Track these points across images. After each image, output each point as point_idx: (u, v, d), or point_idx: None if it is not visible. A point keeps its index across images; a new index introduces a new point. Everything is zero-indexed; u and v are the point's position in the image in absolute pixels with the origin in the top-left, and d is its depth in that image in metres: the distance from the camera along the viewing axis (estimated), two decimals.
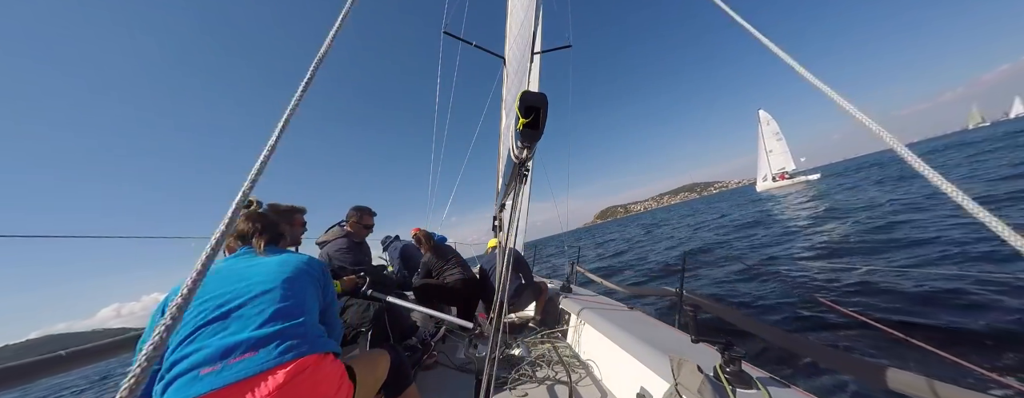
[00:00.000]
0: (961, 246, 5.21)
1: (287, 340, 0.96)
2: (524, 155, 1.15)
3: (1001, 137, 30.58)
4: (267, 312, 0.99)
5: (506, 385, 2.15)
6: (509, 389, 2.11)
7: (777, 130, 53.08)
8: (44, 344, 42.29)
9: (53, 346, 2.54)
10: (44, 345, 26.43)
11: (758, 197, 38.08)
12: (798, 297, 4.62)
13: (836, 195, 17.38)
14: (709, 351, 1.62)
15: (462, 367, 2.51)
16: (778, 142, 52.87)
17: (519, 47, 3.23)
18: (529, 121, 1.06)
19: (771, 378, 1.33)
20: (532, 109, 1.05)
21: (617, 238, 26.07)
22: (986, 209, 0.48)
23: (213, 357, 0.88)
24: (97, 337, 1.77)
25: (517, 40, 3.57)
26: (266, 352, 0.92)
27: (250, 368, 0.88)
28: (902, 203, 9.90)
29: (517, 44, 3.51)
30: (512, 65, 3.69)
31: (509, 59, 4.36)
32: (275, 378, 0.89)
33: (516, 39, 3.67)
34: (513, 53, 3.82)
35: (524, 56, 3.01)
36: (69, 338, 46.43)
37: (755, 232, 11.91)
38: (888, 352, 3.06)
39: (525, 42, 6.88)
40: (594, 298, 3.19)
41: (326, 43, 0.49)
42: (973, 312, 3.41)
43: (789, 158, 52.01)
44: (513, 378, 2.21)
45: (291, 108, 0.45)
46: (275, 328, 0.97)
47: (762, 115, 53.58)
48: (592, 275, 3.75)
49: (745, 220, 16.19)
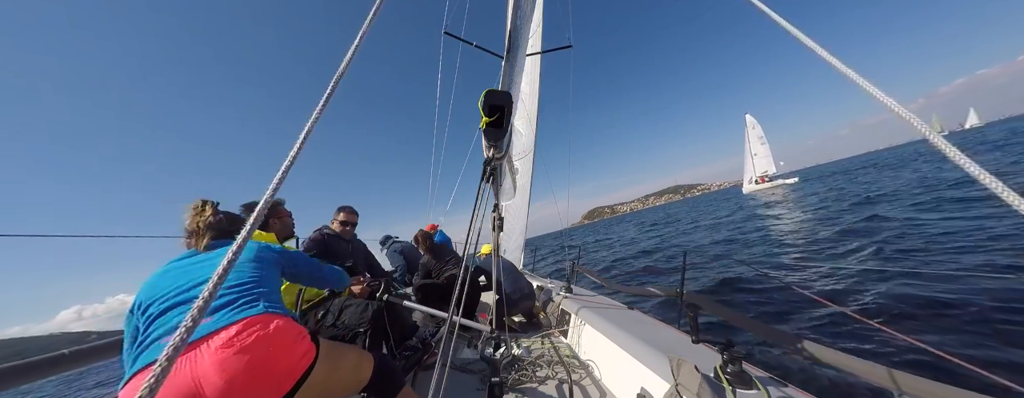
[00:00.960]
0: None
1: (242, 303, 1.05)
2: (491, 154, 1.14)
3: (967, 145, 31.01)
4: (229, 285, 1.09)
5: (506, 385, 2.16)
6: (509, 389, 2.12)
7: (761, 134, 54.84)
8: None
9: (5, 351, 2.51)
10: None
11: (747, 198, 38.84)
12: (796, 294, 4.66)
13: (825, 194, 17.78)
14: (709, 351, 1.63)
15: (462, 367, 2.53)
16: (762, 146, 54.59)
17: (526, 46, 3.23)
18: (493, 120, 1.06)
19: (771, 378, 1.35)
20: (497, 108, 1.06)
21: (617, 237, 26.02)
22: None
23: (172, 329, 0.96)
24: (56, 341, 1.78)
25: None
26: (222, 314, 1.00)
27: (207, 327, 0.96)
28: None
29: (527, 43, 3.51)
30: (524, 62, 3.70)
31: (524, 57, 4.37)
32: (228, 331, 0.96)
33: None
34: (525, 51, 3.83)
35: (522, 57, 3.00)
36: (25, 342, 46.47)
37: (768, 229, 11.92)
38: (891, 352, 3.09)
39: (528, 41, 6.88)
40: (594, 298, 3.21)
41: (346, 58, 0.51)
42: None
43: (771, 162, 53.78)
44: (513, 378, 2.23)
45: (313, 119, 0.47)
46: (232, 296, 1.06)
47: (749, 120, 55.03)
48: (592, 275, 3.77)
49: (751, 219, 16.24)
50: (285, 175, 0.44)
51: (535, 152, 6.79)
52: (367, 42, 0.72)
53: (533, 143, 6.75)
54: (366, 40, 0.61)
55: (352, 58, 0.52)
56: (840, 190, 18.78)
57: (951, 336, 3.16)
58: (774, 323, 4.20)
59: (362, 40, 0.53)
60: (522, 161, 6.85)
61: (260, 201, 0.44)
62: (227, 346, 0.93)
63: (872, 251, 6.21)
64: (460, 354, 2.75)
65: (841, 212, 11.26)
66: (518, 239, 6.74)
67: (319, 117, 0.47)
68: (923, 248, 5.80)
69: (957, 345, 2.99)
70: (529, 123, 6.75)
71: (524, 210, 6.76)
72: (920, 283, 4.31)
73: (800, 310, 4.32)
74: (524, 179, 6.76)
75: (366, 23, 0.57)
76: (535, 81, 6.74)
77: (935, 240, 5.99)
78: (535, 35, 6.57)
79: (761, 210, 18.87)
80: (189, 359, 0.90)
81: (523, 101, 6.85)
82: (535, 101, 6.72)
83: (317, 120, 0.47)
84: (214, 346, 0.92)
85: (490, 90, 1.06)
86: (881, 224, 8.14)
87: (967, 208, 7.67)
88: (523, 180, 6.76)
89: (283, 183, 0.44)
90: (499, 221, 3.88)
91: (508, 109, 1.07)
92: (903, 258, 5.54)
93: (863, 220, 8.93)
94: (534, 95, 6.74)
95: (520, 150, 6.92)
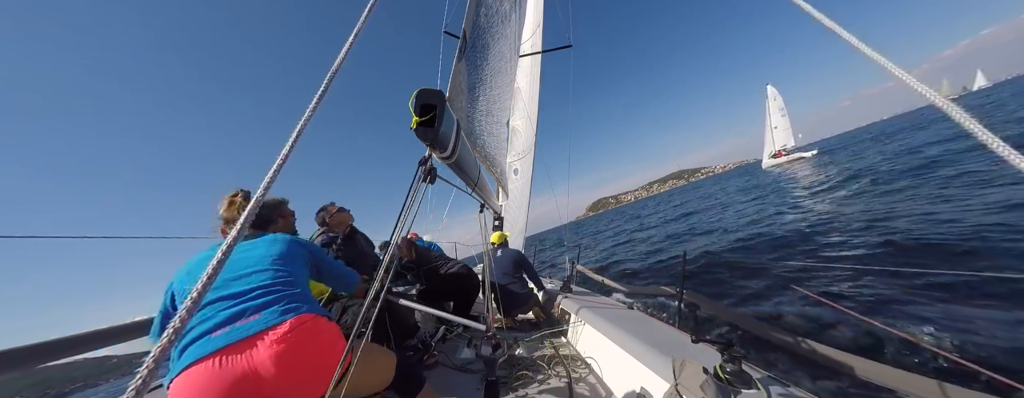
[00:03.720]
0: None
1: (286, 304, 1.11)
2: (426, 154, 1.11)
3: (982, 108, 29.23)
4: (265, 285, 1.14)
5: (507, 385, 2.16)
6: (510, 389, 2.12)
7: (783, 106, 51.84)
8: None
9: (31, 379, 2.60)
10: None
11: (767, 173, 36.31)
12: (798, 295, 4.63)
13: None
14: (709, 351, 1.63)
15: (463, 367, 2.53)
16: (783, 118, 51.74)
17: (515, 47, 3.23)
18: (425, 119, 1.04)
19: (771, 378, 1.34)
20: (429, 107, 1.04)
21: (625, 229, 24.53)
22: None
23: (222, 323, 1.02)
24: (77, 366, 1.81)
25: (516, 39, 3.58)
26: (269, 313, 1.07)
27: (257, 325, 1.03)
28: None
29: (513, 43, 3.51)
30: (512, 64, 3.69)
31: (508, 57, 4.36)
32: (279, 328, 1.03)
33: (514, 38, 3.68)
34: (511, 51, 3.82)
35: (518, 55, 2.99)
36: (49, 369, 45.97)
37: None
38: (893, 353, 3.08)
39: (528, 41, 6.84)
40: (594, 298, 3.21)
41: (340, 56, 0.50)
42: None
43: (790, 135, 51.13)
44: (514, 378, 2.23)
45: (305, 118, 0.46)
46: (274, 296, 1.12)
47: (769, 91, 51.88)
48: (593, 275, 3.77)
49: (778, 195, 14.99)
50: (277, 174, 0.44)
51: (535, 151, 6.77)
52: (362, 39, 0.72)
53: (533, 143, 6.74)
54: (361, 37, 0.60)
55: (346, 55, 0.52)
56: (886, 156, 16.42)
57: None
58: (774, 322, 4.18)
59: (356, 37, 0.53)
60: (522, 161, 6.84)
61: (251, 200, 0.44)
62: (281, 341, 1.00)
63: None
64: (459, 354, 2.75)
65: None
66: (518, 238, 6.73)
67: (312, 115, 0.47)
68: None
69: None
70: (529, 123, 6.75)
71: (524, 210, 6.74)
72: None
73: (800, 308, 4.27)
74: (524, 179, 6.74)
75: (360, 21, 0.56)
76: (535, 81, 6.73)
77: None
78: (535, 35, 6.56)
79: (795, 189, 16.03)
80: (246, 353, 0.98)
81: (523, 101, 6.84)
82: (535, 101, 6.71)
83: (309, 119, 0.46)
84: (269, 340, 1.00)
85: (422, 89, 1.05)
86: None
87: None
88: (523, 180, 6.75)
89: (274, 182, 0.44)
90: (499, 222, 3.88)
91: (440, 108, 1.06)
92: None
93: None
94: (534, 95, 6.73)
95: (520, 150, 6.91)
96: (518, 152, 6.91)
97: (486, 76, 2.02)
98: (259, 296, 1.10)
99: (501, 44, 2.21)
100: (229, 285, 1.13)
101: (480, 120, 2.07)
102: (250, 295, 1.10)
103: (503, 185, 3.05)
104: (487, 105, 2.16)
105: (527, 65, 6.76)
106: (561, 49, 6.41)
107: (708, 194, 35.56)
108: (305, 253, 1.39)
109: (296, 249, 1.36)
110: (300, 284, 1.24)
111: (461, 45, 1.53)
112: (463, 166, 1.58)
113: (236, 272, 1.17)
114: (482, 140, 2.16)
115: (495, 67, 2.16)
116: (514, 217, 6.75)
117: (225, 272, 1.16)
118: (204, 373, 0.93)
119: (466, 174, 1.68)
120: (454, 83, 1.41)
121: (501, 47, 2.22)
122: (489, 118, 2.27)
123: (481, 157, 2.22)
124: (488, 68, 2.03)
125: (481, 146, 2.15)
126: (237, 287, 1.12)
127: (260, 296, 1.10)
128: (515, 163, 6.89)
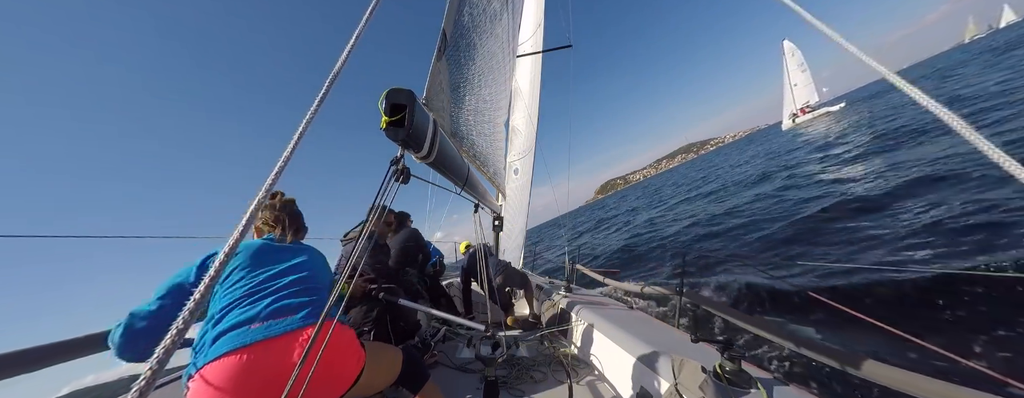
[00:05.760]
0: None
1: (316, 308, 1.18)
2: (399, 153, 1.11)
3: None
4: (300, 288, 1.22)
5: (506, 385, 2.16)
6: (509, 389, 2.13)
7: (802, 61, 49.12)
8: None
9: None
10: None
11: (788, 135, 32.58)
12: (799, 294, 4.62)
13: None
14: (709, 351, 1.63)
15: (463, 367, 2.53)
16: (802, 74, 49.24)
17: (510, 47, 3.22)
18: (395, 119, 1.05)
19: (771, 378, 1.35)
20: (399, 107, 1.04)
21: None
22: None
23: (260, 317, 1.09)
24: (126, 384, 1.86)
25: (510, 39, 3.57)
26: (302, 315, 1.13)
27: (292, 324, 1.09)
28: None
29: (507, 43, 3.50)
30: (507, 63, 3.69)
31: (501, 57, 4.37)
32: (310, 331, 1.09)
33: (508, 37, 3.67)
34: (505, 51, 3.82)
35: (515, 55, 2.98)
36: (101, 389, 47.64)
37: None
38: (895, 353, 3.08)
39: (528, 41, 6.82)
40: (594, 298, 3.21)
41: (342, 57, 0.50)
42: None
43: (813, 90, 48.60)
44: (513, 378, 2.23)
45: (307, 120, 0.47)
46: (306, 299, 1.19)
47: (786, 46, 49.42)
48: (593, 274, 3.77)
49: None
50: (278, 176, 0.44)
51: (535, 151, 6.75)
52: (364, 40, 0.72)
53: (534, 143, 6.72)
54: (363, 38, 0.60)
55: (348, 56, 0.52)
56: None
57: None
58: (773, 321, 4.18)
59: (358, 38, 0.53)
60: (523, 160, 6.83)
61: (254, 201, 0.44)
62: (315, 343, 1.03)
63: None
64: (459, 354, 2.75)
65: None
66: (518, 238, 6.71)
67: (314, 116, 0.47)
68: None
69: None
70: (530, 122, 6.73)
71: (524, 210, 6.73)
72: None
73: (800, 307, 4.26)
74: (525, 178, 6.73)
75: (362, 23, 0.56)
76: (536, 81, 6.72)
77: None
78: (535, 35, 6.55)
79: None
80: (281, 350, 1.03)
81: (523, 100, 6.83)
82: (536, 101, 6.70)
83: (311, 121, 0.47)
84: (300, 340, 1.06)
85: (392, 89, 1.05)
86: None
87: None
88: (524, 179, 6.74)
89: (276, 182, 0.44)
90: (499, 222, 3.89)
91: (411, 107, 1.07)
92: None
93: None
94: (535, 95, 6.72)
95: (521, 149, 6.89)
96: (519, 152, 6.90)
97: (472, 75, 2.00)
98: (294, 295, 1.17)
99: (491, 43, 2.19)
100: (272, 279, 1.20)
101: (468, 119, 2.05)
102: (286, 293, 1.17)
103: (497, 185, 3.05)
104: (476, 104, 2.14)
105: (527, 65, 6.75)
106: (561, 49, 6.40)
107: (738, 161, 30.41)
108: (325, 262, 1.50)
109: (323, 259, 1.48)
110: (324, 290, 1.32)
111: (440, 44, 1.53)
112: (448, 166, 1.57)
113: (276, 269, 1.25)
114: (470, 140, 2.14)
115: (484, 66, 2.14)
116: (514, 217, 6.74)
117: (265, 263, 1.25)
118: (239, 363, 0.99)
119: (452, 174, 1.67)
120: (432, 82, 1.41)
121: (491, 46, 2.20)
122: (479, 118, 2.24)
123: (470, 157, 2.20)
124: (475, 67, 2.01)
125: (470, 146, 2.13)
126: (277, 283, 1.19)
127: (295, 295, 1.18)
128: (515, 163, 6.87)
